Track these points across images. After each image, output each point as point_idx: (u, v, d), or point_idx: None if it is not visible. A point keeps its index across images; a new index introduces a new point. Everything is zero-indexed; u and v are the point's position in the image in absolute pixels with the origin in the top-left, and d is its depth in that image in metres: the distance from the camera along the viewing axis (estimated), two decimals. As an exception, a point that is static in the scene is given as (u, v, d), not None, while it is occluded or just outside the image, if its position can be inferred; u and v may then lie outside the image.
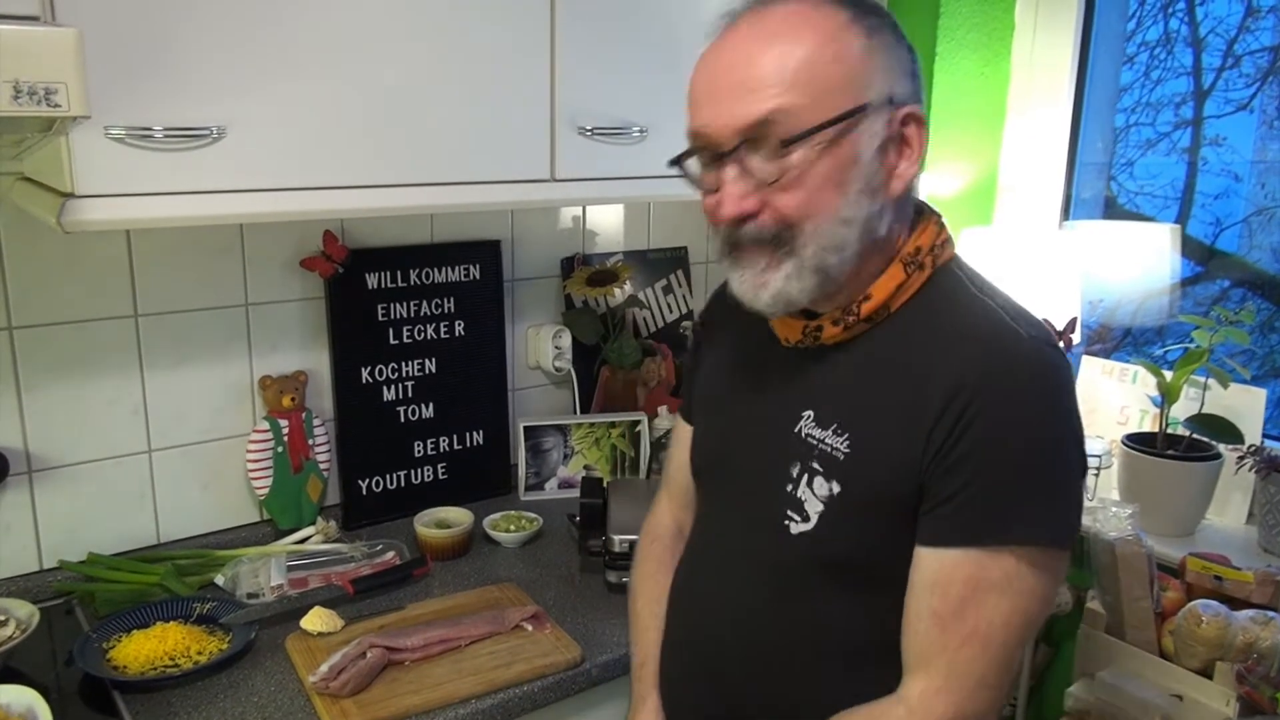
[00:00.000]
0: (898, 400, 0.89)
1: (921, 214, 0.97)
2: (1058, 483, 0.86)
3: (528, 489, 1.93)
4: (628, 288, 2.02)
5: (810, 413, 0.96)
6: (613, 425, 1.96)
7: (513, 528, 1.74)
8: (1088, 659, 1.34)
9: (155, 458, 1.61)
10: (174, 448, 1.62)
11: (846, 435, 0.92)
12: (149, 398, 1.59)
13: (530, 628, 1.43)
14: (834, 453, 0.92)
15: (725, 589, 1.03)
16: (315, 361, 1.73)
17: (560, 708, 1.37)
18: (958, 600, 0.85)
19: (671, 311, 2.13)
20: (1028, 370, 0.86)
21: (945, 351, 0.88)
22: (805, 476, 0.94)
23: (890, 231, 0.92)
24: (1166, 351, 1.77)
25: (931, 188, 1.94)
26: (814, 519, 0.93)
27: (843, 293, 0.93)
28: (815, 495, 0.93)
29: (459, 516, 1.73)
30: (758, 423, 1.01)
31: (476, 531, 1.72)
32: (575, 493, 1.89)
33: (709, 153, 0.92)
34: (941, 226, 0.96)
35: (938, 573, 0.87)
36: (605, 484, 1.72)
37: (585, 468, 1.96)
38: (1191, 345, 1.61)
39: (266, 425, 1.67)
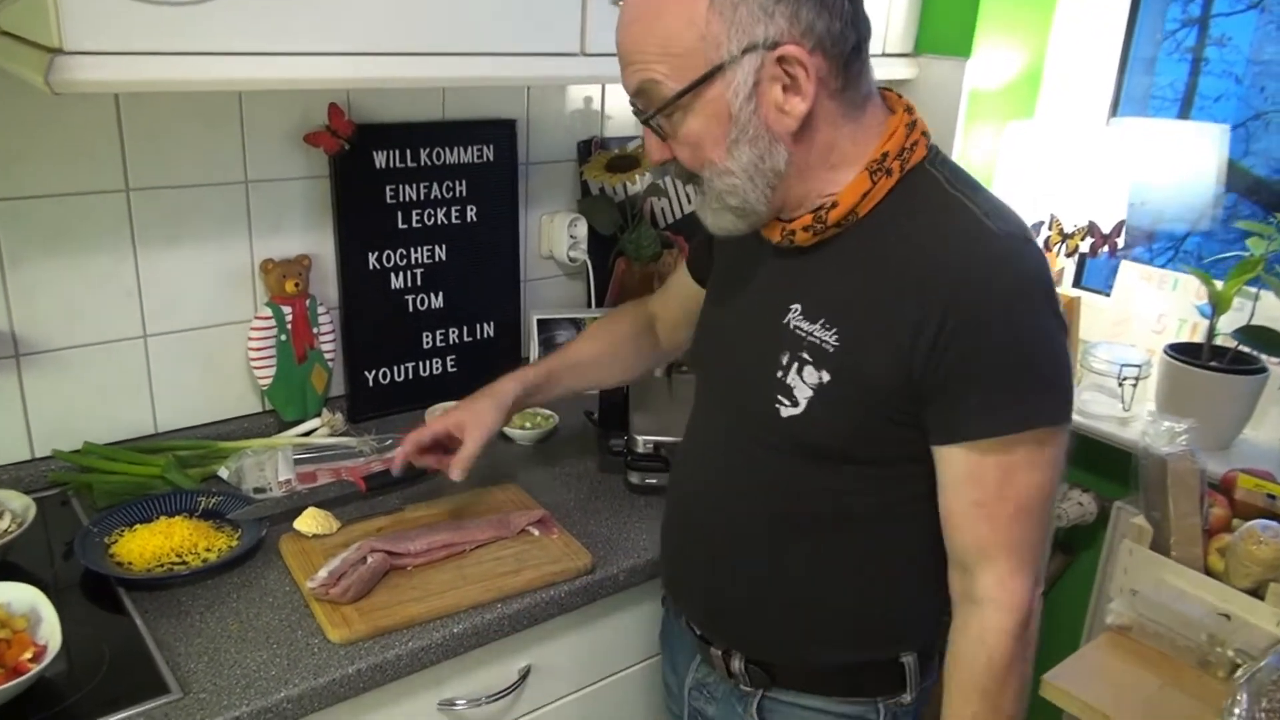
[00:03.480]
0: (880, 299, 0.94)
1: (894, 112, 0.99)
2: (1052, 363, 0.93)
3: (539, 384, 1.86)
4: (647, 176, 1.91)
5: (798, 306, 1.01)
6: (629, 320, 1.88)
7: (528, 424, 1.68)
8: (1130, 575, 1.31)
9: (151, 343, 1.52)
10: (171, 333, 1.53)
11: (835, 329, 0.97)
12: (143, 279, 1.48)
13: (537, 532, 1.37)
14: (823, 345, 0.98)
15: (718, 471, 1.11)
16: (319, 245, 1.63)
17: (580, 615, 1.33)
18: (995, 485, 0.93)
19: (690, 202, 2.03)
20: (1005, 269, 0.90)
21: (922, 252, 0.93)
22: (795, 365, 1.00)
23: (841, 143, 0.96)
24: (1213, 259, 1.70)
25: (974, 80, 1.82)
26: (803, 404, 1.00)
27: (807, 201, 0.98)
28: (805, 383, 0.99)
29: (472, 412, 1.65)
30: (749, 315, 1.08)
31: (490, 428, 1.65)
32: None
33: None
34: (911, 126, 0.98)
35: (968, 467, 0.93)
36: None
37: (599, 363, 1.88)
38: (1245, 254, 1.53)
39: (269, 311, 1.58)
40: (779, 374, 1.01)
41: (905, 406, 0.95)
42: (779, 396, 1.01)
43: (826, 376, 0.98)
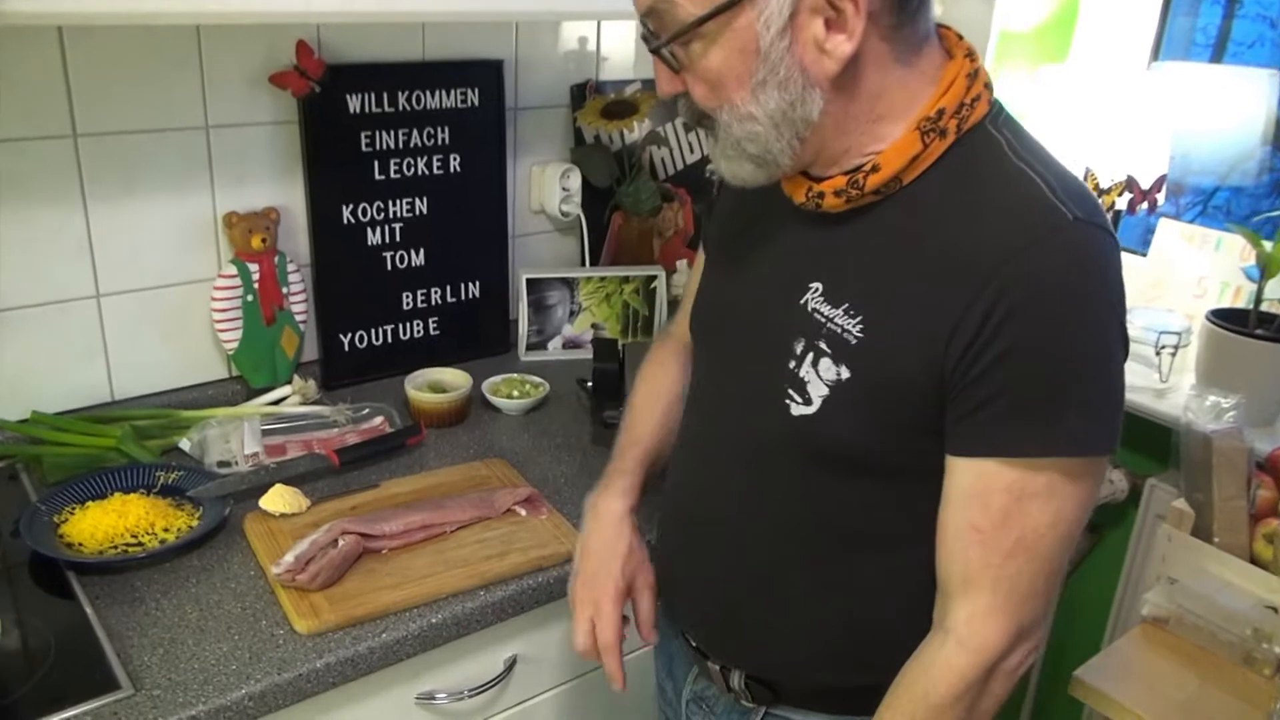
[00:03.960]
0: (920, 285, 0.84)
1: (953, 56, 0.87)
2: (1105, 389, 0.82)
3: (528, 348, 1.81)
4: (647, 123, 1.84)
5: (818, 285, 0.91)
6: (626, 280, 1.82)
7: (516, 393, 1.62)
8: (1169, 562, 1.26)
9: (105, 303, 1.45)
10: (127, 292, 1.47)
11: (860, 318, 0.87)
12: (95, 233, 1.41)
13: (524, 512, 1.31)
14: (844, 335, 0.88)
15: (716, 464, 1.02)
16: (289, 197, 1.56)
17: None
18: (1000, 512, 0.82)
19: (693, 152, 1.95)
20: (1075, 260, 0.79)
21: (975, 231, 0.81)
22: (810, 355, 0.90)
23: (889, 92, 0.84)
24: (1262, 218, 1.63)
25: (1003, 19, 1.74)
26: (817, 403, 0.89)
27: (844, 158, 0.88)
28: (821, 378, 0.89)
29: (455, 379, 1.60)
30: (760, 287, 0.97)
31: (475, 396, 1.59)
32: (581, 354, 1.80)
33: None
34: (972, 78, 0.86)
35: (975, 484, 0.83)
36: (621, 346, 1.59)
37: (594, 327, 1.84)
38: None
39: (234, 269, 1.52)
40: (791, 364, 0.90)
41: (934, 412, 0.85)
42: (790, 391, 0.90)
43: (846, 373, 0.87)
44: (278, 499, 1.29)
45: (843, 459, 0.90)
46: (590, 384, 1.58)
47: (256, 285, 1.53)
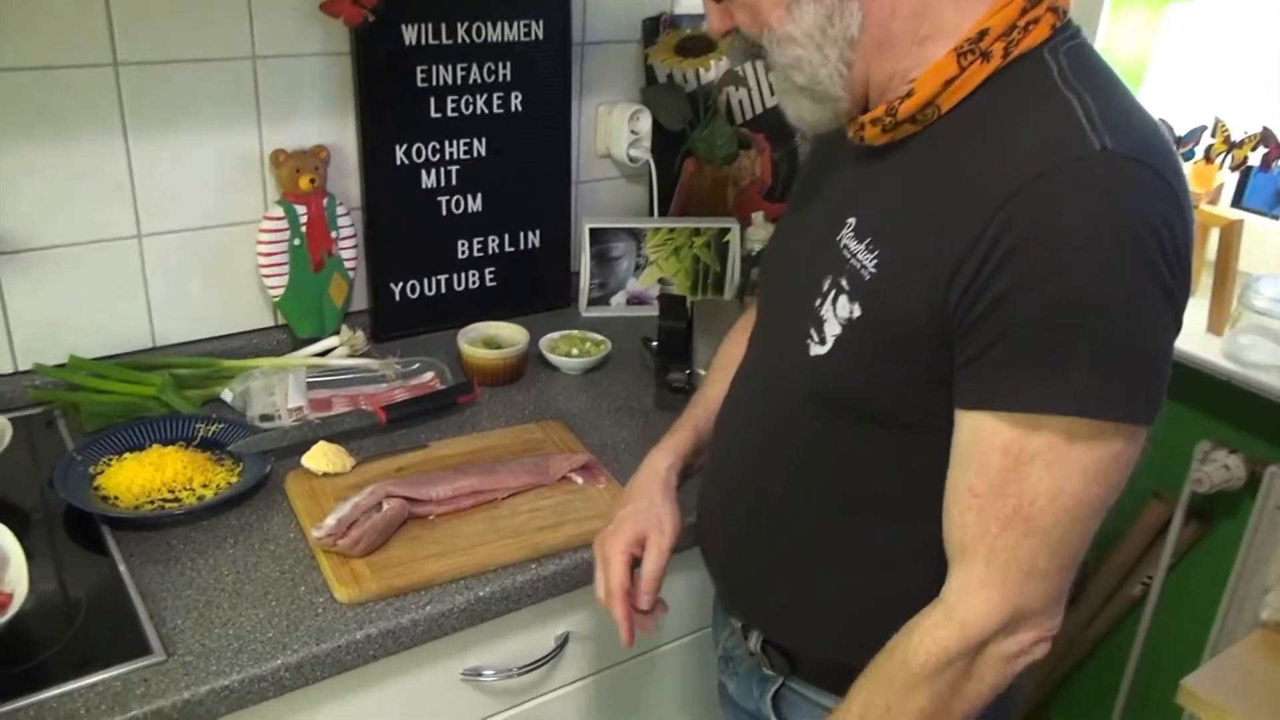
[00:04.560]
0: (933, 221, 0.80)
1: None
2: (1125, 345, 0.75)
3: (590, 303, 1.78)
4: (725, 61, 1.77)
5: (853, 220, 0.89)
6: (697, 232, 1.76)
7: (575, 351, 1.58)
8: (1296, 563, 1.18)
9: (146, 244, 1.44)
10: (169, 233, 1.45)
11: (876, 253, 0.85)
12: (136, 170, 1.40)
13: (580, 480, 1.28)
14: (861, 270, 0.86)
15: (747, 406, 1.04)
16: (339, 135, 1.53)
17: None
18: (997, 474, 0.78)
19: (773, 94, 1.88)
20: (1092, 194, 0.73)
21: (992, 163, 0.77)
22: (833, 293, 0.89)
23: (937, 6, 0.81)
24: None
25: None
26: (829, 343, 0.88)
27: (892, 86, 0.85)
28: (836, 316, 0.88)
29: (512, 334, 1.56)
30: (809, 229, 0.97)
31: (532, 353, 1.56)
32: (645, 311, 1.76)
33: None
34: (1034, 1, 0.80)
35: (974, 441, 0.80)
36: (689, 304, 1.54)
37: (661, 281, 1.79)
38: None
39: (281, 211, 1.49)
40: (817, 302, 0.89)
41: (944, 360, 0.81)
42: (811, 330, 0.89)
43: (857, 311, 0.85)
44: (321, 457, 1.27)
45: (855, 408, 0.88)
46: (655, 344, 1.54)
47: (304, 228, 1.51)
